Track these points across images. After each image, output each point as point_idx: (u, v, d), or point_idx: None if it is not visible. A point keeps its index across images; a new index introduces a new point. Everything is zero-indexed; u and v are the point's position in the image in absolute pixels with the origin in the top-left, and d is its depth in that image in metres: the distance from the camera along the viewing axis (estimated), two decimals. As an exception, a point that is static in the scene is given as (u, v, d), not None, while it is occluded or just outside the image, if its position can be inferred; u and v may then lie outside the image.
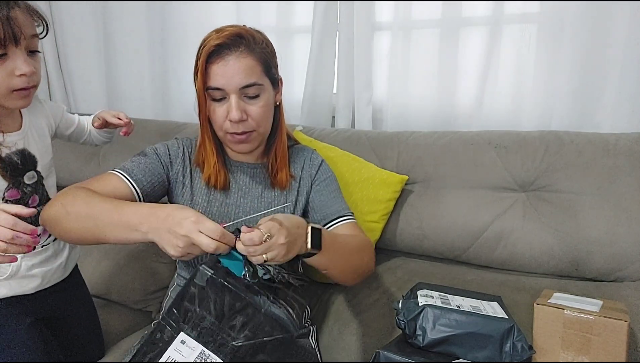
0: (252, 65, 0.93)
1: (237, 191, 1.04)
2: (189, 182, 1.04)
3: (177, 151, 1.05)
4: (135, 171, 0.98)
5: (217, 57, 0.92)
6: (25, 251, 0.77)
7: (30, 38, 0.86)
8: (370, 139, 1.36)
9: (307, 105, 1.62)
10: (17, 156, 0.94)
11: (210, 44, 0.92)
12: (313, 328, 1.14)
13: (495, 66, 1.39)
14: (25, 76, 0.84)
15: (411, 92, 1.50)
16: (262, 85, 0.96)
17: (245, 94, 0.95)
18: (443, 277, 1.17)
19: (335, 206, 1.06)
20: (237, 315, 0.70)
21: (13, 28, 0.81)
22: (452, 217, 1.21)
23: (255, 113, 0.96)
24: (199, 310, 0.70)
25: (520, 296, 1.06)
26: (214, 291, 0.69)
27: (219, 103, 0.95)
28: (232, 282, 0.70)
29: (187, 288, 0.70)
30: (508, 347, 0.81)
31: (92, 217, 0.84)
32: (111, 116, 1.16)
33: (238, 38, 0.93)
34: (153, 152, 1.03)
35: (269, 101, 0.99)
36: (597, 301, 0.89)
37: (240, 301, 0.70)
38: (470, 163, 1.23)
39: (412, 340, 0.85)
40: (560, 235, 1.12)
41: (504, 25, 1.36)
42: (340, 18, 1.54)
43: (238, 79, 0.92)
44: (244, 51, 0.93)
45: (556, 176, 1.15)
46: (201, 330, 0.71)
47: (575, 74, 1.29)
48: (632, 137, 1.15)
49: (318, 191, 1.08)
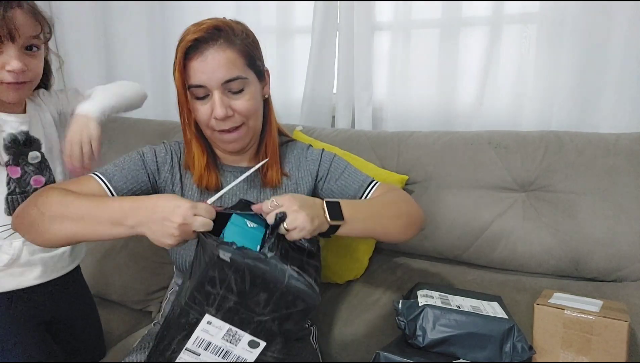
0: (233, 58, 0.88)
1: (229, 193, 0.99)
2: (179, 188, 1.00)
3: (165, 158, 0.99)
4: (116, 177, 0.93)
5: (195, 53, 0.87)
6: None
7: (27, 38, 0.90)
8: (370, 139, 1.36)
9: (307, 105, 1.62)
10: (21, 136, 0.97)
11: (187, 39, 0.87)
12: (313, 328, 1.14)
13: (495, 66, 1.39)
14: (14, 72, 0.89)
15: (411, 92, 1.50)
16: (246, 78, 0.90)
17: (228, 89, 0.89)
18: (443, 277, 1.17)
19: (354, 183, 1.00)
20: (259, 291, 0.71)
21: (8, 26, 0.86)
22: (452, 217, 1.21)
23: (241, 107, 0.91)
24: (222, 291, 0.71)
25: (520, 296, 1.06)
26: (233, 271, 0.70)
27: (202, 101, 0.90)
28: (250, 260, 0.70)
29: (207, 273, 0.71)
30: (508, 347, 0.82)
31: (69, 215, 0.80)
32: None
33: (216, 31, 0.88)
34: (139, 158, 0.97)
35: (256, 94, 0.93)
36: (597, 301, 0.89)
37: (260, 277, 0.71)
38: (470, 163, 1.23)
39: (412, 341, 0.85)
40: (560, 235, 1.12)
41: (504, 25, 1.36)
42: (340, 18, 1.54)
43: (219, 74, 0.87)
44: (222, 44, 0.88)
45: (556, 176, 1.15)
46: (226, 310, 0.72)
47: (575, 74, 1.29)
48: (632, 137, 1.15)
49: (332, 180, 1.02)
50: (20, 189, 0.97)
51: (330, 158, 1.05)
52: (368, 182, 1.00)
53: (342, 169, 1.03)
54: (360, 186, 1.00)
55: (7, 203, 0.96)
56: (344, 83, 1.56)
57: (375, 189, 1.00)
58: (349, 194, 1.00)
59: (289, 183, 1.03)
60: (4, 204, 0.96)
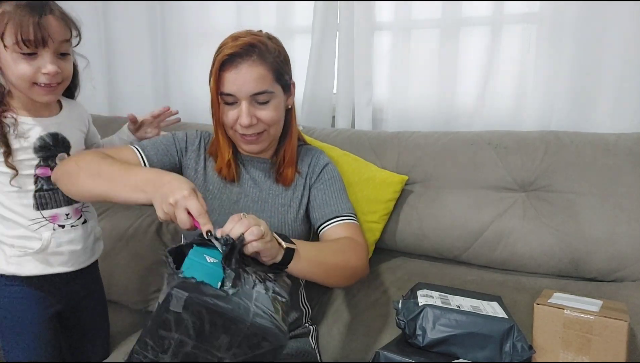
0: (263, 74, 0.97)
1: (248, 180, 1.09)
2: (202, 170, 1.09)
3: (195, 140, 1.11)
4: (148, 148, 1.05)
5: (229, 65, 0.96)
6: None
7: (60, 42, 0.97)
8: (370, 139, 1.36)
9: (307, 105, 1.62)
10: (49, 138, 1.03)
11: (224, 52, 0.96)
12: (313, 328, 1.14)
13: (495, 66, 1.39)
14: (49, 74, 0.95)
15: (411, 92, 1.50)
16: (272, 92, 0.99)
17: (255, 100, 0.98)
18: (443, 277, 1.17)
19: (335, 206, 1.06)
20: (220, 333, 0.65)
21: (43, 32, 0.93)
22: (452, 217, 1.21)
23: (265, 117, 1.00)
24: (177, 336, 0.65)
25: (520, 296, 1.06)
26: (191, 312, 0.63)
27: (231, 106, 0.99)
28: (210, 298, 0.64)
29: (160, 315, 0.65)
30: (508, 347, 0.81)
31: (102, 175, 0.90)
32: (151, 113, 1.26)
33: (251, 47, 0.96)
34: (171, 136, 1.10)
35: (280, 105, 1.02)
36: (597, 301, 0.89)
37: (221, 317, 0.64)
38: (470, 163, 1.23)
39: (412, 340, 0.85)
40: (560, 235, 1.12)
41: (504, 25, 1.36)
42: (340, 18, 1.54)
43: (249, 87, 0.96)
44: (256, 60, 0.96)
45: (556, 176, 1.15)
46: (183, 355, 0.66)
47: (576, 74, 1.29)
48: (632, 137, 1.15)
49: (320, 190, 1.09)
50: (48, 186, 1.03)
51: (331, 173, 1.12)
52: (344, 214, 1.05)
53: (335, 189, 1.09)
54: (335, 211, 1.05)
55: (35, 199, 1.02)
56: (344, 83, 1.56)
57: (343, 224, 1.03)
58: (322, 211, 1.06)
59: (300, 180, 1.10)
60: (32, 200, 1.02)
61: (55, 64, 0.96)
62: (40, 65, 0.95)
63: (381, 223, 1.25)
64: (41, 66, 0.95)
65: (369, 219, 1.23)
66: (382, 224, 1.25)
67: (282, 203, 1.07)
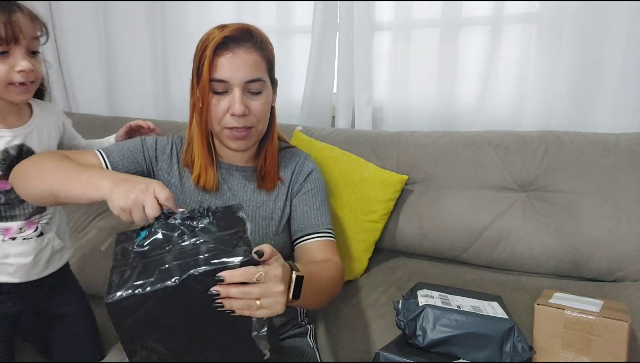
0: (258, 61, 0.94)
1: (227, 191, 1.03)
2: (178, 181, 1.03)
3: (165, 147, 1.05)
4: (114, 154, 0.99)
5: (224, 50, 0.92)
6: None
7: (30, 39, 0.95)
8: (370, 139, 1.36)
9: (307, 105, 1.62)
10: (13, 150, 0.99)
11: (220, 35, 0.91)
12: (310, 327, 1.14)
13: (495, 66, 1.39)
14: (24, 72, 0.94)
15: (411, 92, 1.50)
16: (265, 82, 0.96)
17: (248, 89, 0.94)
18: (443, 277, 1.17)
19: (315, 220, 1.03)
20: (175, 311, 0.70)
21: (14, 28, 0.91)
22: (452, 217, 1.21)
23: (257, 109, 0.95)
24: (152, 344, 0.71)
25: (521, 296, 1.06)
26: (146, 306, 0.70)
27: (221, 96, 0.94)
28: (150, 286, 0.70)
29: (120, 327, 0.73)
30: (508, 347, 0.81)
31: (55, 173, 0.86)
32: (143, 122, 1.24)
33: (247, 33, 0.93)
34: (139, 142, 1.04)
35: (268, 100, 0.99)
36: (597, 301, 0.89)
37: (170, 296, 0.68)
38: (470, 163, 1.23)
39: (412, 341, 0.85)
40: (561, 235, 1.12)
41: (504, 25, 1.36)
42: (340, 18, 1.54)
43: (244, 73, 0.92)
44: (251, 46, 0.93)
45: (556, 176, 1.15)
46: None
47: (575, 74, 1.29)
48: (632, 137, 1.15)
49: (302, 201, 1.05)
50: (6, 200, 1.00)
51: (315, 182, 1.07)
52: (322, 230, 1.02)
53: (316, 201, 1.05)
54: (315, 225, 1.02)
55: None
56: (344, 83, 1.56)
57: (321, 242, 1.01)
58: (302, 224, 1.03)
59: (282, 188, 1.06)
60: None
61: (29, 62, 0.94)
62: (13, 63, 0.93)
63: (381, 222, 1.25)
64: (14, 64, 0.93)
65: (368, 219, 1.23)
66: (382, 224, 1.25)
67: (263, 216, 1.02)
